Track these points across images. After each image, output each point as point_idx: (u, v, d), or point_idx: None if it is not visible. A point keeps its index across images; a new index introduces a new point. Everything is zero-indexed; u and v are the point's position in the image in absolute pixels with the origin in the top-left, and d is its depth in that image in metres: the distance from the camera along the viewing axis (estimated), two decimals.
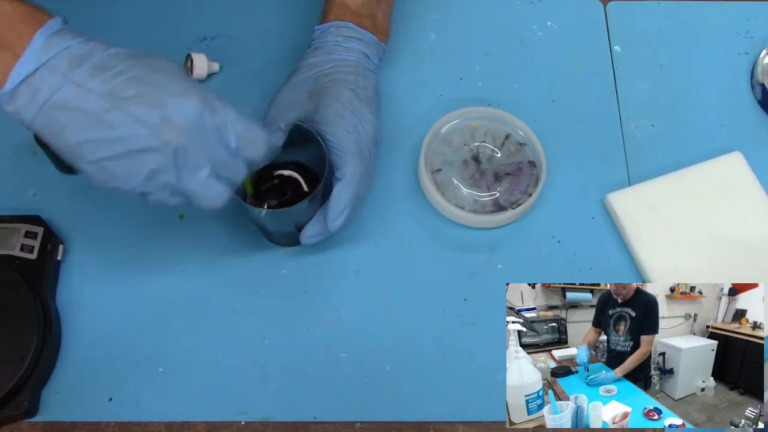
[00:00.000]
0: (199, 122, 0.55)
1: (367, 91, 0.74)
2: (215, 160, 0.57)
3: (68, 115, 0.54)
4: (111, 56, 0.55)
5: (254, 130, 0.59)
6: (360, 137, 0.70)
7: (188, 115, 0.55)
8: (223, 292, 0.73)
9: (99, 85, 0.53)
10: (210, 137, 0.56)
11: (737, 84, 0.86)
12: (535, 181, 0.78)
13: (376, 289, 0.74)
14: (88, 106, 0.53)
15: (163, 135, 0.54)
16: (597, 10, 0.90)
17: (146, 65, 0.55)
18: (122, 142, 0.54)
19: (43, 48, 0.53)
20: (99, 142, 0.54)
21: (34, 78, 0.53)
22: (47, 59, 0.53)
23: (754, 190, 0.78)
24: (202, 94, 0.56)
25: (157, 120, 0.54)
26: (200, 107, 0.55)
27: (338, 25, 0.76)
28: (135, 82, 0.54)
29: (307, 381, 0.70)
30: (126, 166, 0.55)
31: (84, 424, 0.67)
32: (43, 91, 0.53)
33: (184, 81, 0.56)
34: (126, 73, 0.54)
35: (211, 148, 0.57)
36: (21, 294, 0.68)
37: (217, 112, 0.57)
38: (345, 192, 0.69)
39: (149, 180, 0.56)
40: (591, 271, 0.75)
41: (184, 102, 0.55)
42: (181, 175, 0.56)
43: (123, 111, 0.53)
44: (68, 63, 0.53)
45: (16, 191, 0.76)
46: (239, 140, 0.58)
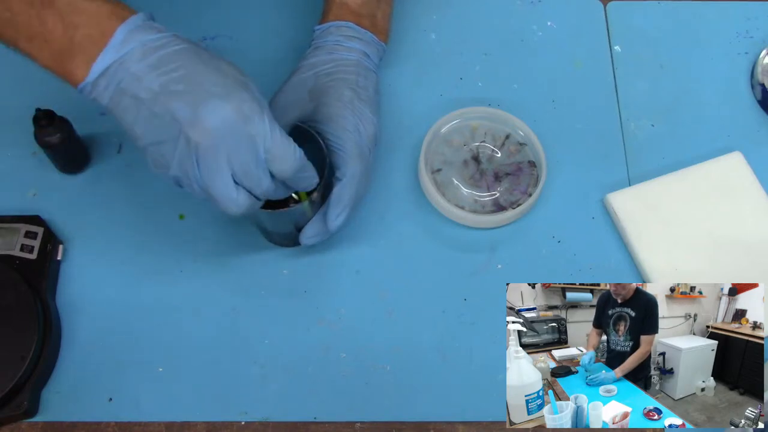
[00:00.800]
0: (228, 127, 0.57)
1: (368, 91, 0.74)
2: (238, 166, 0.59)
3: (128, 101, 0.58)
4: (177, 52, 0.58)
5: (286, 146, 0.60)
6: (360, 137, 0.70)
7: (219, 118, 0.57)
8: (223, 292, 0.73)
9: (154, 78, 0.57)
10: (239, 144, 0.58)
11: (737, 84, 0.86)
12: (535, 181, 0.78)
13: (376, 289, 0.74)
14: (141, 96, 0.58)
15: (189, 132, 0.57)
16: (597, 10, 0.90)
17: (204, 63, 0.59)
18: (159, 130, 0.58)
19: (122, 43, 0.58)
20: (144, 128, 0.58)
21: (109, 70, 0.58)
22: (123, 54, 0.58)
23: (754, 190, 0.78)
24: (243, 100, 0.58)
25: (189, 117, 0.57)
26: (234, 113, 0.57)
27: (338, 24, 0.76)
28: (185, 80, 0.58)
29: (307, 381, 0.70)
30: (164, 152, 0.58)
31: (84, 424, 0.67)
32: (114, 80, 0.58)
33: (229, 85, 0.58)
34: (181, 69, 0.58)
35: (237, 155, 0.58)
36: (21, 294, 0.68)
37: (252, 121, 0.58)
38: (345, 192, 0.69)
39: (181, 170, 0.59)
40: (591, 271, 0.75)
41: (219, 105, 0.57)
42: (203, 174, 0.58)
43: (165, 104, 0.57)
44: (138, 56, 0.58)
45: (16, 191, 0.76)
46: (268, 153, 0.59)
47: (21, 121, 0.74)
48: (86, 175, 0.78)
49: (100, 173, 0.78)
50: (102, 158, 0.78)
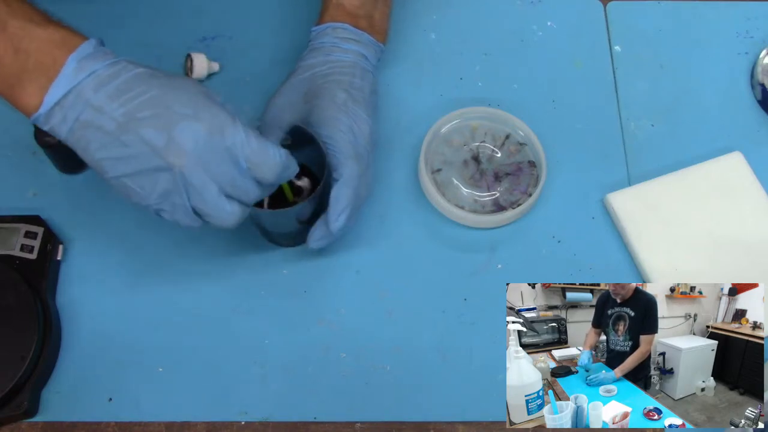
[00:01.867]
0: (206, 144, 0.57)
1: (364, 92, 0.74)
2: (224, 180, 0.58)
3: (92, 134, 0.57)
4: (134, 77, 0.57)
5: (265, 151, 0.59)
6: (356, 138, 0.70)
7: (194, 138, 0.57)
8: (223, 292, 0.73)
9: (117, 108, 0.56)
10: (218, 159, 0.58)
11: (737, 84, 0.86)
12: (535, 181, 0.78)
13: (376, 289, 0.74)
14: (107, 127, 0.56)
15: (168, 157, 0.56)
16: (597, 10, 0.90)
17: (166, 86, 0.58)
18: (134, 161, 0.57)
19: (75, 72, 0.56)
20: (116, 160, 0.57)
21: (65, 101, 0.57)
22: (77, 83, 0.56)
23: (754, 190, 0.78)
24: (213, 114, 0.57)
25: (164, 142, 0.56)
26: (208, 129, 0.57)
27: (334, 26, 0.76)
28: (150, 104, 0.57)
29: (307, 381, 0.70)
30: (140, 184, 0.58)
31: (84, 424, 0.67)
32: (71, 113, 0.57)
33: (197, 102, 0.58)
34: (144, 95, 0.57)
35: (219, 170, 0.58)
36: (21, 294, 0.68)
37: (226, 134, 0.58)
38: (343, 192, 0.69)
39: (163, 198, 0.58)
40: (591, 271, 0.75)
41: (192, 125, 0.57)
42: (190, 195, 0.58)
43: (134, 132, 0.56)
44: (94, 86, 0.57)
45: (16, 191, 0.76)
46: (248, 161, 0.59)
47: (21, 121, 0.74)
48: (86, 175, 0.78)
49: None
50: None
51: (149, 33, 0.84)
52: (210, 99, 0.59)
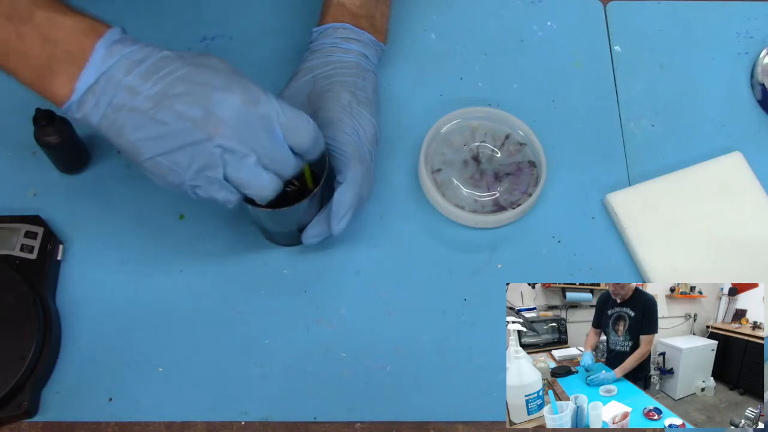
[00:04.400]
0: (242, 114, 0.58)
1: (367, 93, 0.74)
2: (261, 150, 0.59)
3: (126, 116, 0.57)
4: (162, 59, 0.58)
5: (299, 118, 0.61)
6: (360, 140, 0.71)
7: (230, 108, 0.57)
8: (223, 292, 0.73)
9: (150, 87, 0.57)
10: (254, 128, 0.59)
11: (737, 84, 0.86)
12: (535, 181, 0.78)
13: (376, 289, 0.74)
14: (141, 107, 0.57)
15: (207, 128, 0.57)
16: (597, 10, 0.90)
17: (194, 64, 0.59)
18: (171, 138, 0.57)
19: (104, 57, 0.57)
20: (152, 139, 0.58)
21: (96, 86, 0.57)
22: (107, 68, 0.57)
23: (754, 190, 0.78)
24: (245, 86, 0.59)
25: (201, 115, 0.57)
26: (242, 100, 0.58)
27: (336, 26, 0.76)
28: (182, 81, 0.57)
29: (307, 381, 0.70)
30: (176, 160, 0.58)
31: (84, 424, 0.67)
32: (104, 98, 0.57)
33: (227, 76, 0.59)
34: (174, 73, 0.58)
35: (256, 139, 0.59)
36: (21, 294, 0.68)
37: (260, 103, 0.59)
38: (347, 195, 0.69)
39: (198, 173, 0.59)
40: (591, 271, 0.75)
41: (226, 96, 0.57)
42: (228, 165, 0.59)
43: (170, 109, 0.57)
44: (125, 69, 0.57)
45: (16, 191, 0.76)
46: (284, 129, 0.60)
47: (21, 121, 0.74)
48: (86, 175, 0.78)
49: (100, 173, 0.78)
50: (102, 158, 0.78)
51: (149, 33, 0.83)
52: (238, 74, 0.60)
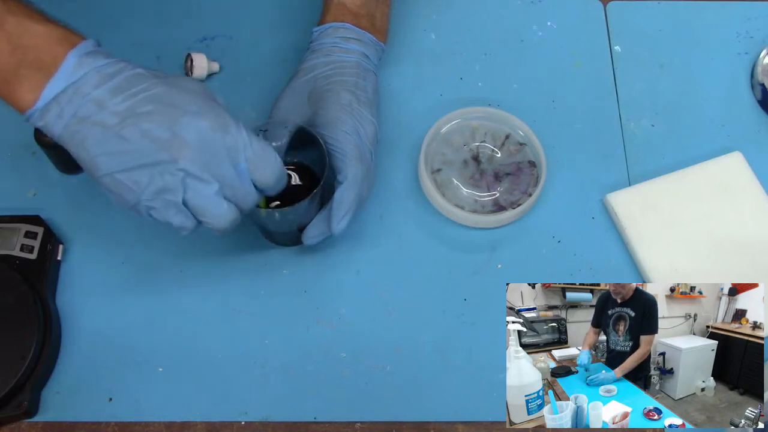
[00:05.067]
0: (209, 140, 0.57)
1: (367, 93, 0.74)
2: (224, 180, 0.58)
3: (89, 129, 0.56)
4: (135, 76, 0.57)
5: (266, 154, 0.60)
6: (360, 139, 0.70)
7: (198, 132, 0.57)
8: (223, 292, 0.73)
9: (119, 102, 0.56)
10: (219, 156, 0.58)
11: (737, 84, 0.86)
12: (535, 181, 0.78)
13: (376, 289, 0.74)
14: (107, 121, 0.56)
15: (171, 151, 0.56)
16: (597, 10, 0.90)
17: (168, 84, 0.58)
18: (133, 155, 0.56)
19: (74, 68, 0.56)
20: (112, 155, 0.57)
21: (63, 96, 0.56)
22: (77, 79, 0.56)
23: (754, 190, 0.78)
24: (217, 113, 0.58)
25: (167, 136, 0.56)
26: (211, 126, 0.57)
27: (336, 26, 0.76)
28: (153, 100, 0.57)
29: (307, 381, 0.70)
30: (136, 179, 0.57)
31: (84, 424, 0.67)
32: (68, 108, 0.56)
33: (201, 101, 0.58)
34: (146, 91, 0.57)
35: (219, 168, 0.58)
36: (21, 294, 0.68)
37: (229, 132, 0.58)
38: (347, 194, 0.69)
39: (157, 195, 0.58)
40: (591, 271, 0.75)
41: (196, 120, 0.57)
42: (188, 190, 0.58)
43: (136, 126, 0.56)
44: (95, 82, 0.56)
45: (16, 191, 0.76)
46: (249, 162, 0.59)
47: (21, 121, 0.74)
48: (86, 175, 0.77)
49: None
50: None
51: (149, 33, 0.84)
52: (213, 100, 0.59)
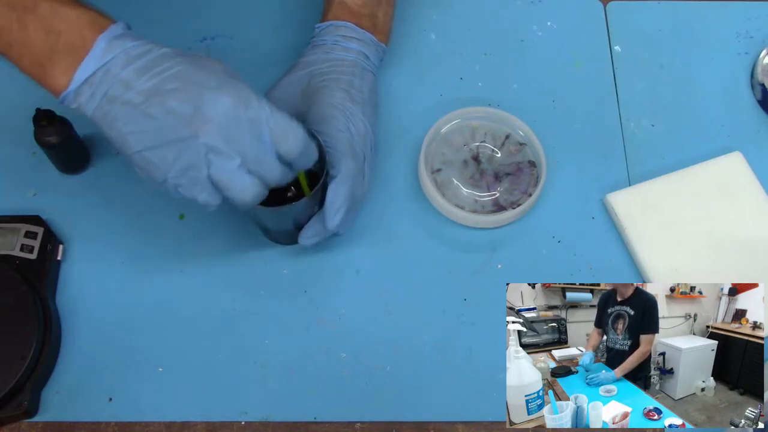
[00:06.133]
0: (231, 115, 0.58)
1: (362, 92, 0.74)
2: (247, 153, 0.59)
3: (118, 108, 0.58)
4: (161, 56, 0.59)
5: (289, 125, 0.60)
6: (352, 136, 0.71)
7: (220, 107, 0.57)
8: (223, 292, 0.73)
9: (144, 82, 0.58)
10: (242, 130, 0.58)
11: (737, 84, 0.86)
12: (535, 181, 0.78)
13: (376, 289, 0.74)
14: (134, 100, 0.57)
15: (194, 126, 0.57)
16: (597, 10, 0.90)
17: (191, 63, 0.59)
18: (158, 132, 0.58)
19: (104, 51, 0.58)
20: (141, 133, 0.58)
21: (94, 78, 0.58)
22: (106, 61, 0.58)
23: (754, 190, 0.78)
24: (238, 88, 0.58)
25: (190, 112, 0.57)
26: (232, 101, 0.58)
27: (337, 24, 0.76)
28: (177, 78, 0.58)
29: (307, 381, 0.70)
30: (162, 156, 0.58)
31: (84, 424, 0.67)
32: (99, 89, 0.58)
33: (222, 77, 0.59)
34: (170, 70, 0.58)
35: (242, 141, 0.58)
36: (21, 294, 0.68)
37: (251, 106, 0.58)
38: (340, 190, 0.69)
39: (183, 172, 0.58)
40: (591, 271, 0.75)
41: (217, 96, 0.57)
42: (212, 165, 0.58)
43: (160, 104, 0.57)
44: (123, 63, 0.58)
45: (16, 191, 0.76)
46: (272, 134, 0.59)
47: (21, 121, 0.74)
48: (86, 175, 0.78)
49: (100, 173, 0.78)
50: (102, 158, 0.78)
51: (149, 33, 0.83)
52: (234, 77, 0.60)
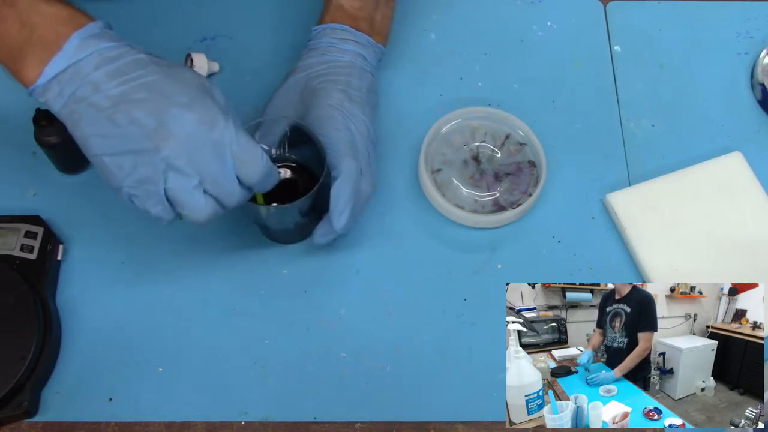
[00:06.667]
0: (193, 133, 0.57)
1: (361, 92, 0.74)
2: (207, 173, 0.58)
3: (84, 110, 0.57)
4: (135, 61, 0.58)
5: (252, 151, 0.59)
6: (352, 136, 0.71)
7: (185, 125, 0.57)
8: (223, 292, 0.73)
9: (114, 87, 0.57)
10: (204, 150, 0.58)
11: (737, 84, 0.86)
12: (535, 181, 0.78)
13: (376, 289, 0.74)
14: (101, 104, 0.57)
15: (156, 140, 0.57)
16: (597, 10, 0.90)
17: (165, 73, 0.58)
18: (120, 140, 0.57)
19: (77, 49, 0.57)
20: (103, 137, 0.58)
21: (63, 76, 0.57)
22: (78, 59, 0.57)
23: (754, 190, 0.78)
24: (206, 107, 0.58)
25: (154, 125, 0.57)
26: (197, 119, 0.57)
27: (334, 27, 0.76)
28: (146, 88, 0.57)
29: (307, 381, 0.70)
30: (120, 164, 0.58)
31: (84, 424, 0.67)
32: (68, 88, 0.57)
33: (193, 93, 0.58)
34: (142, 78, 0.58)
35: (203, 161, 0.58)
36: (21, 294, 0.68)
37: (217, 127, 0.58)
38: (343, 190, 0.69)
39: (139, 183, 0.58)
40: (591, 271, 0.75)
41: (183, 112, 0.57)
42: (169, 181, 0.58)
43: (126, 112, 0.57)
44: (95, 64, 0.57)
45: (16, 191, 0.76)
46: (235, 158, 0.59)
47: (21, 121, 0.74)
48: (86, 175, 0.78)
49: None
50: None
51: (149, 33, 0.84)
52: (206, 93, 0.59)
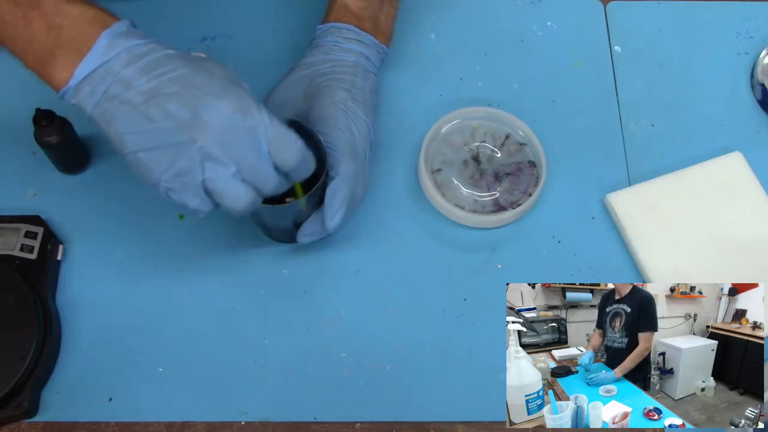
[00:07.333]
0: (229, 122, 0.57)
1: (364, 92, 0.74)
2: (243, 161, 0.59)
3: (117, 108, 0.58)
4: (164, 57, 0.59)
5: (287, 136, 0.60)
6: (353, 136, 0.71)
7: (218, 114, 0.57)
8: (223, 292, 0.73)
9: (145, 82, 0.57)
10: (239, 138, 0.58)
11: (737, 84, 0.86)
12: (535, 181, 0.78)
13: (376, 289, 0.74)
14: (133, 100, 0.57)
15: (192, 131, 0.57)
16: (597, 10, 0.90)
17: (193, 66, 0.59)
18: (155, 135, 0.57)
19: (107, 48, 0.58)
20: (137, 134, 0.58)
21: (94, 75, 0.58)
22: (108, 59, 0.57)
23: (754, 190, 0.78)
24: (238, 96, 0.58)
25: (188, 117, 0.57)
26: (232, 108, 0.57)
27: (338, 26, 0.76)
28: (177, 81, 0.58)
29: (307, 381, 0.70)
30: (157, 159, 0.58)
31: (84, 424, 0.67)
32: (100, 87, 0.58)
33: (223, 83, 0.59)
34: (171, 72, 0.58)
35: (239, 149, 0.58)
36: (21, 294, 0.68)
37: (251, 114, 0.58)
38: (339, 190, 0.69)
39: (176, 176, 0.58)
40: (591, 271, 0.75)
41: (217, 102, 0.57)
42: (206, 172, 0.58)
43: (159, 106, 0.57)
44: (125, 62, 0.58)
45: (16, 191, 0.76)
46: (270, 144, 0.59)
47: (21, 121, 0.74)
48: (86, 175, 0.78)
49: (100, 173, 0.78)
50: (102, 158, 0.78)
51: (149, 33, 0.83)
52: (236, 83, 0.60)
